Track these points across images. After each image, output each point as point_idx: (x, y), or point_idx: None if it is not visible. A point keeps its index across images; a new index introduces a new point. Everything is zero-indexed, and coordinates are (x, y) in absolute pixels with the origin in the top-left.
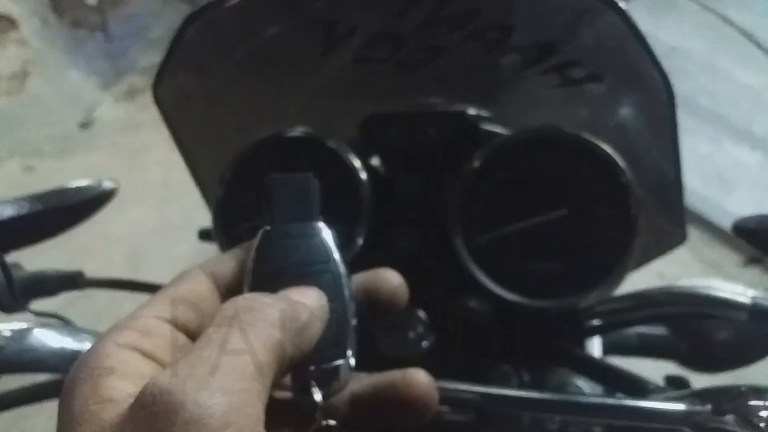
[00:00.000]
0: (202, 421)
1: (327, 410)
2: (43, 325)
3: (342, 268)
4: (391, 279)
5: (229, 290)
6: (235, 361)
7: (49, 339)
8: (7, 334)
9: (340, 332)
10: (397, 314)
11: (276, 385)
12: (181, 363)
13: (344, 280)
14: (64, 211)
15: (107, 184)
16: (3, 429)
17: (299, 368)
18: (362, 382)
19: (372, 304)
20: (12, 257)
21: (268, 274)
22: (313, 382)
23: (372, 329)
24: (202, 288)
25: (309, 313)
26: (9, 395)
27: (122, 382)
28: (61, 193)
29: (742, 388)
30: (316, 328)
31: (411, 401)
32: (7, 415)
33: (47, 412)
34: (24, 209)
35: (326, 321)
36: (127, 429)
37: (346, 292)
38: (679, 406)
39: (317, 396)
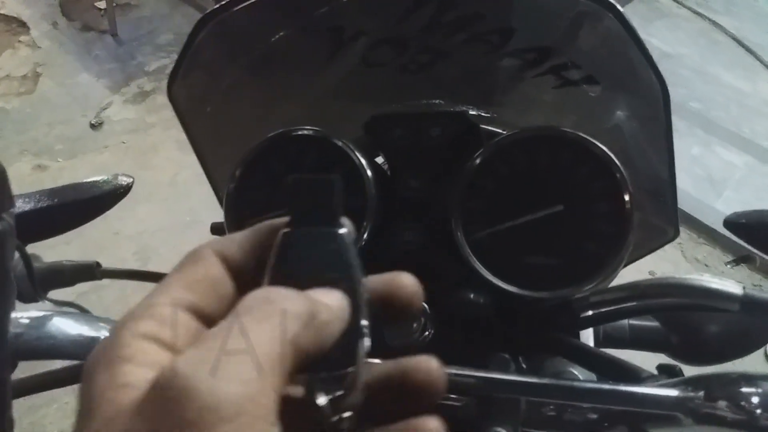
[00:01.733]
0: (215, 407)
1: (337, 405)
2: (60, 314)
3: (359, 278)
4: (407, 284)
5: (240, 273)
6: (252, 350)
7: (67, 326)
8: (26, 321)
9: (351, 341)
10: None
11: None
12: (198, 348)
13: (360, 291)
14: (81, 204)
15: (123, 179)
16: (15, 418)
17: (308, 372)
18: (375, 370)
19: (388, 308)
20: (29, 250)
21: (285, 278)
22: (319, 388)
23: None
24: (215, 270)
25: (330, 312)
26: (28, 381)
27: (140, 369)
28: (79, 187)
29: (734, 375)
30: (336, 329)
31: (423, 387)
32: (19, 406)
33: (57, 403)
34: (43, 202)
35: (346, 324)
36: (141, 411)
37: (361, 303)
38: (673, 392)
39: (321, 400)
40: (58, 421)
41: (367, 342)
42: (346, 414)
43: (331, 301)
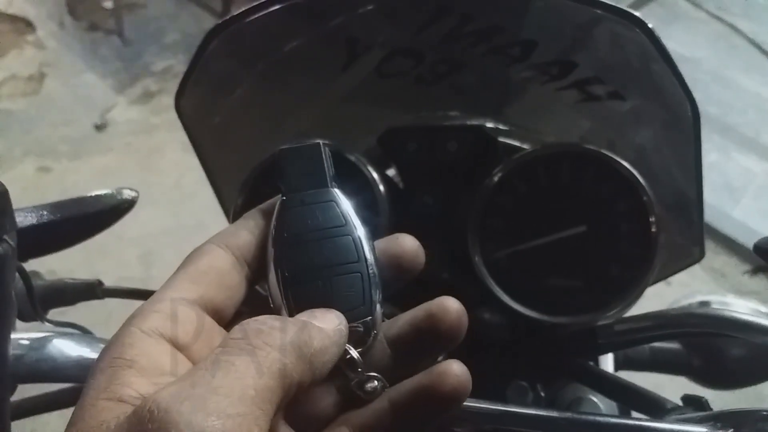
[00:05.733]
0: None
1: (368, 364)
2: (61, 335)
3: (360, 230)
4: (410, 242)
5: (248, 260)
6: (236, 384)
7: (68, 348)
8: (26, 342)
9: (365, 290)
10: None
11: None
12: (182, 381)
13: (364, 240)
14: (83, 219)
15: (127, 194)
16: (17, 425)
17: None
18: (397, 323)
19: (395, 267)
20: (30, 265)
21: (287, 243)
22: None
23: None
24: (221, 262)
25: (323, 337)
26: (27, 403)
27: (139, 380)
28: (81, 201)
29: (764, 412)
30: (331, 354)
31: (446, 329)
32: None
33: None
34: (44, 217)
35: (343, 345)
36: None
37: (367, 252)
38: (700, 429)
39: (353, 353)
40: (59, 428)
41: (378, 290)
42: (374, 374)
43: (326, 324)
